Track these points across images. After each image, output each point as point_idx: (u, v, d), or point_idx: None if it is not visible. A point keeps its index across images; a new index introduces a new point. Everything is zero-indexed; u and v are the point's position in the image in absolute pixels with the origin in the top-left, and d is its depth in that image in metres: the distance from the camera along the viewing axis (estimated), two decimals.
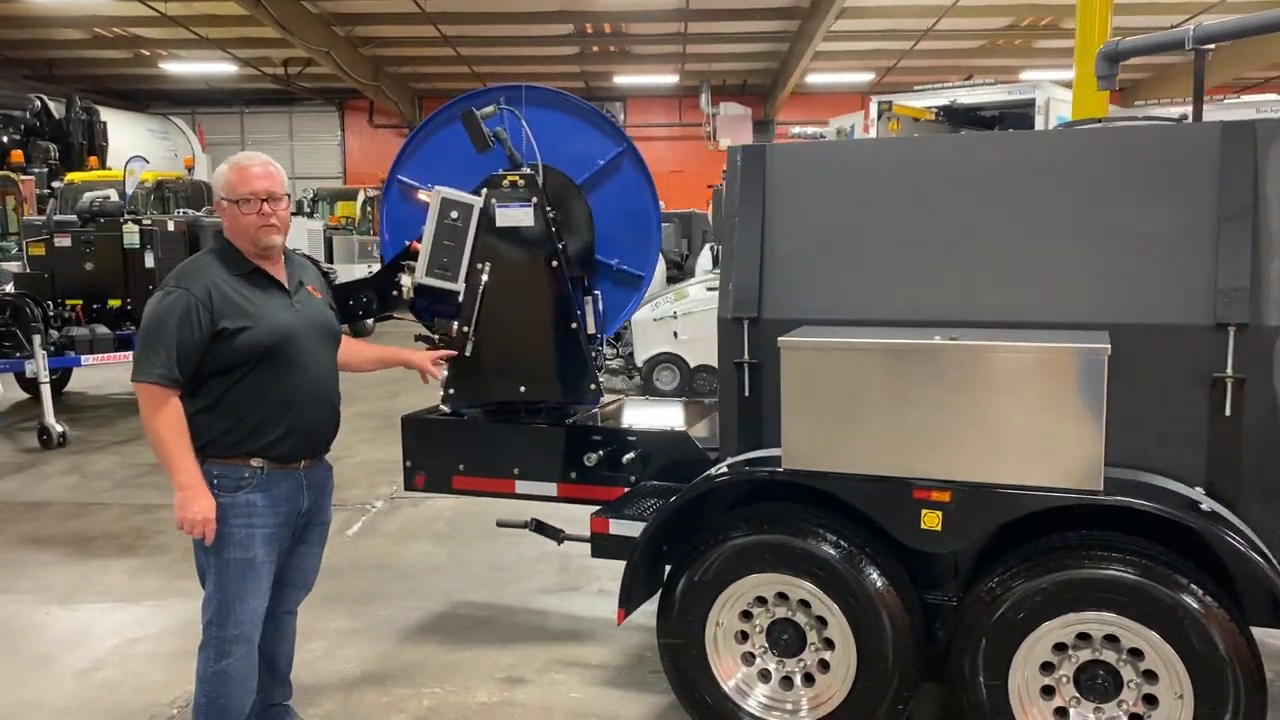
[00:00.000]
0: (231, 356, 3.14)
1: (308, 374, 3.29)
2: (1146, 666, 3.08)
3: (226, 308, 3.12)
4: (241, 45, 21.47)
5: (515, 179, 4.17)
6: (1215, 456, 3.23)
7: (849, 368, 3.26)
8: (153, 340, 3.08)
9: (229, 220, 3.23)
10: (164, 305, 3.09)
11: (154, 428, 3.08)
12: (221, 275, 3.17)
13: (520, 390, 4.32)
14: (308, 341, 3.30)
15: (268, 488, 3.23)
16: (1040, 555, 3.18)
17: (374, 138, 28.80)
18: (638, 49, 22.81)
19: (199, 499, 3.09)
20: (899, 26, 20.38)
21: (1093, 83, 6.39)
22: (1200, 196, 3.23)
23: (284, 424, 3.23)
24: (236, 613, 3.22)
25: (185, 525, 3.11)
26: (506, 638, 4.68)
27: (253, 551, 3.21)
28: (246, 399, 3.18)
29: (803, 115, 26.92)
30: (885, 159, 3.68)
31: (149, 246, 9.36)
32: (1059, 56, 23.28)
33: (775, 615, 3.52)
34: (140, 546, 6.04)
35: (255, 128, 29.03)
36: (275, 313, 3.22)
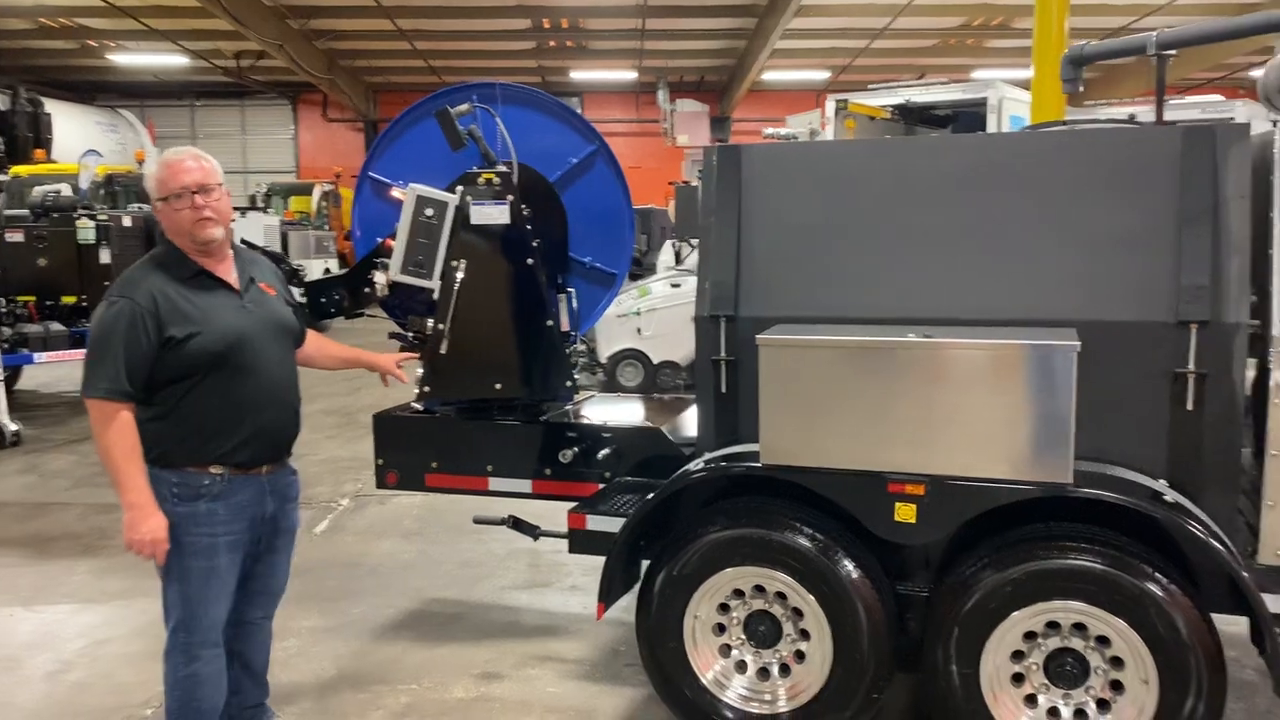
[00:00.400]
0: (182, 364, 3.05)
1: (264, 377, 3.21)
2: (1113, 653, 3.18)
3: (173, 315, 3.03)
4: (192, 37, 21.15)
5: (491, 177, 4.18)
6: (1177, 449, 3.34)
7: (825, 365, 3.32)
8: (100, 353, 3.00)
9: (165, 220, 3.13)
10: (109, 317, 3.01)
11: (104, 444, 3.00)
12: (166, 281, 3.07)
13: (495, 387, 4.34)
14: (262, 343, 3.21)
15: (229, 495, 3.16)
16: (1011, 546, 3.27)
17: (328, 132, 28.52)
18: (595, 44, 22.81)
19: (149, 518, 3.01)
20: (855, 25, 20.59)
21: (1049, 84, 6.55)
22: (1162, 198, 3.33)
23: (242, 430, 3.16)
24: (201, 619, 3.17)
25: (134, 546, 3.03)
26: (480, 634, 4.70)
27: (216, 560, 3.15)
28: (202, 406, 3.10)
29: (759, 112, 27.11)
30: (859, 160, 3.75)
31: (104, 242, 9.21)
32: (1010, 56, 23.67)
33: (752, 607, 3.58)
34: (103, 547, 5.97)
35: (206, 121, 28.61)
36: (225, 316, 3.13)
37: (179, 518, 3.08)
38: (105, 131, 22.11)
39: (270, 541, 3.39)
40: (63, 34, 21.59)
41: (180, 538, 3.09)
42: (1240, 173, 3.26)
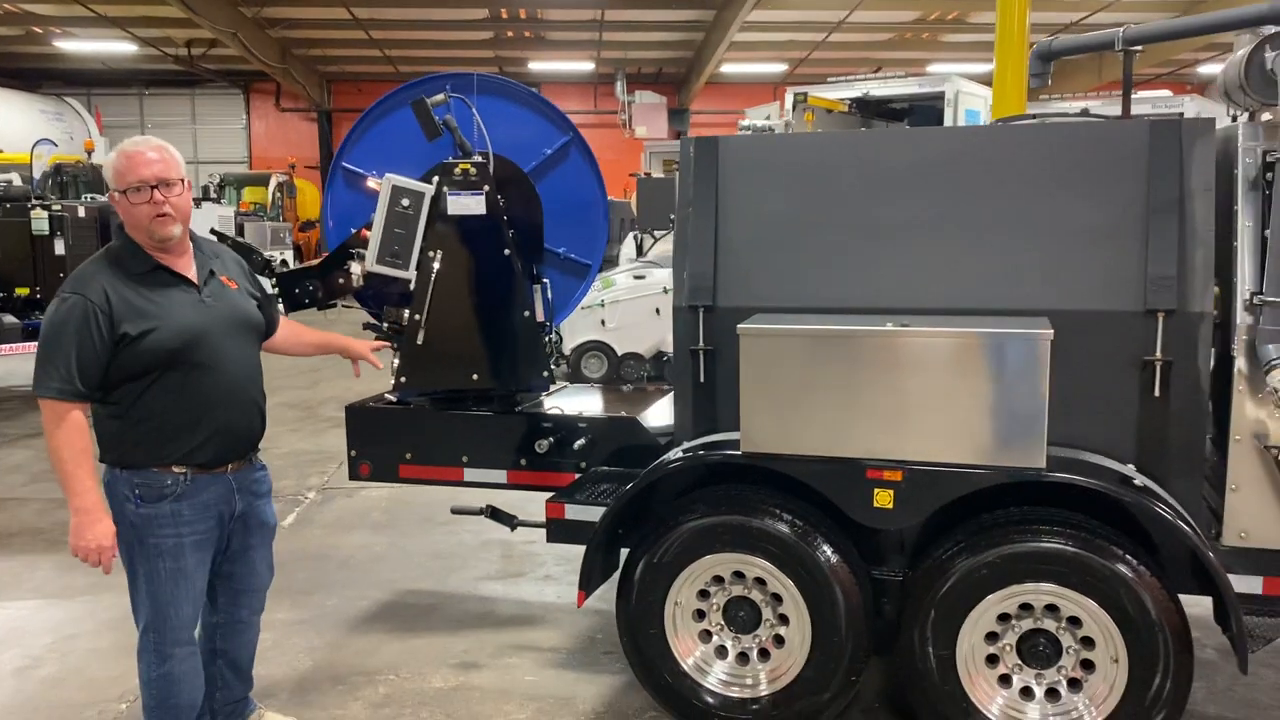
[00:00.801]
0: (138, 362, 2.97)
1: (224, 374, 3.12)
2: (1084, 633, 3.28)
3: (126, 311, 2.95)
4: (142, 24, 20.74)
5: (467, 167, 4.18)
6: (1145, 435, 3.44)
7: (805, 354, 3.37)
8: (50, 352, 2.92)
9: (123, 213, 3.04)
10: (60, 314, 2.94)
11: (53, 445, 2.93)
12: (120, 277, 3.00)
13: (473, 378, 4.34)
14: (222, 339, 3.12)
15: (193, 494, 3.09)
16: (985, 530, 3.35)
17: (281, 122, 28.13)
18: (553, 35, 22.72)
19: (95, 524, 2.94)
20: (812, 18, 20.69)
21: (1011, 78, 6.65)
22: (1130, 190, 3.42)
23: (202, 429, 3.08)
24: (172, 619, 3.12)
25: (79, 553, 2.96)
26: (456, 624, 4.70)
27: (182, 560, 3.09)
28: (160, 405, 3.02)
29: (716, 104, 27.22)
30: (835, 151, 3.80)
31: (59, 233, 9.04)
32: (965, 50, 23.96)
33: (731, 593, 3.63)
34: (66, 541, 5.83)
35: (155, 110, 28.08)
36: (181, 312, 3.04)
37: (142, 519, 3.03)
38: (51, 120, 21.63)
39: (244, 539, 3.33)
40: (8, 20, 21.08)
41: (145, 539, 3.04)
42: (1205, 166, 3.36)
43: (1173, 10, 20.31)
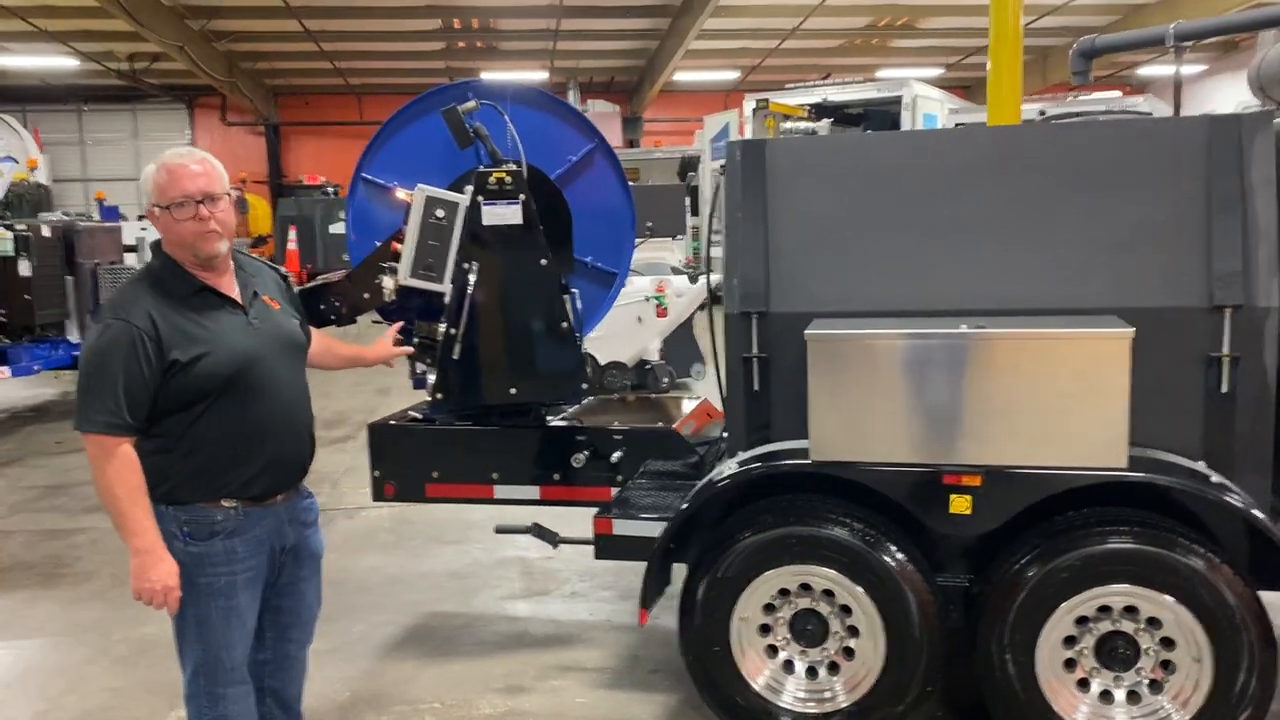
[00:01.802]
0: (188, 390, 2.79)
1: (276, 400, 2.95)
2: (1164, 634, 3.24)
3: (175, 337, 2.76)
4: (84, 38, 20.18)
5: (502, 176, 4.06)
6: (1212, 431, 3.43)
7: (877, 358, 3.31)
8: (95, 383, 2.72)
9: (164, 230, 2.85)
10: (103, 342, 2.74)
11: (104, 483, 2.73)
12: (164, 299, 2.80)
13: (511, 392, 4.21)
14: (272, 363, 2.95)
15: (245, 529, 2.91)
16: (1059, 534, 3.30)
17: (226, 136, 27.53)
18: (506, 45, 22.54)
19: (158, 564, 2.76)
20: (765, 26, 20.79)
21: (1006, 80, 6.68)
22: (1191, 186, 3.41)
23: (256, 460, 2.90)
24: (225, 662, 2.93)
25: (144, 595, 2.77)
26: (491, 647, 4.56)
27: (235, 599, 2.91)
28: (211, 436, 2.84)
29: (669, 112, 27.25)
30: (887, 152, 3.75)
31: (24, 253, 8.70)
32: (913, 55, 24.30)
33: (798, 606, 3.55)
34: (63, 575, 5.62)
35: (95, 126, 27.33)
36: (232, 337, 2.86)
37: (192, 558, 2.84)
38: None
39: (294, 571, 3.14)
40: None
41: (195, 579, 2.84)
42: (1265, 160, 3.36)
43: (1114, 14, 20.77)
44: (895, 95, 16.62)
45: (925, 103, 16.74)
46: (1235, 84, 19.55)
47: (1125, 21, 20.50)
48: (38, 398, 11.63)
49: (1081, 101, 14.53)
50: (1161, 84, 25.21)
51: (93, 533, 6.39)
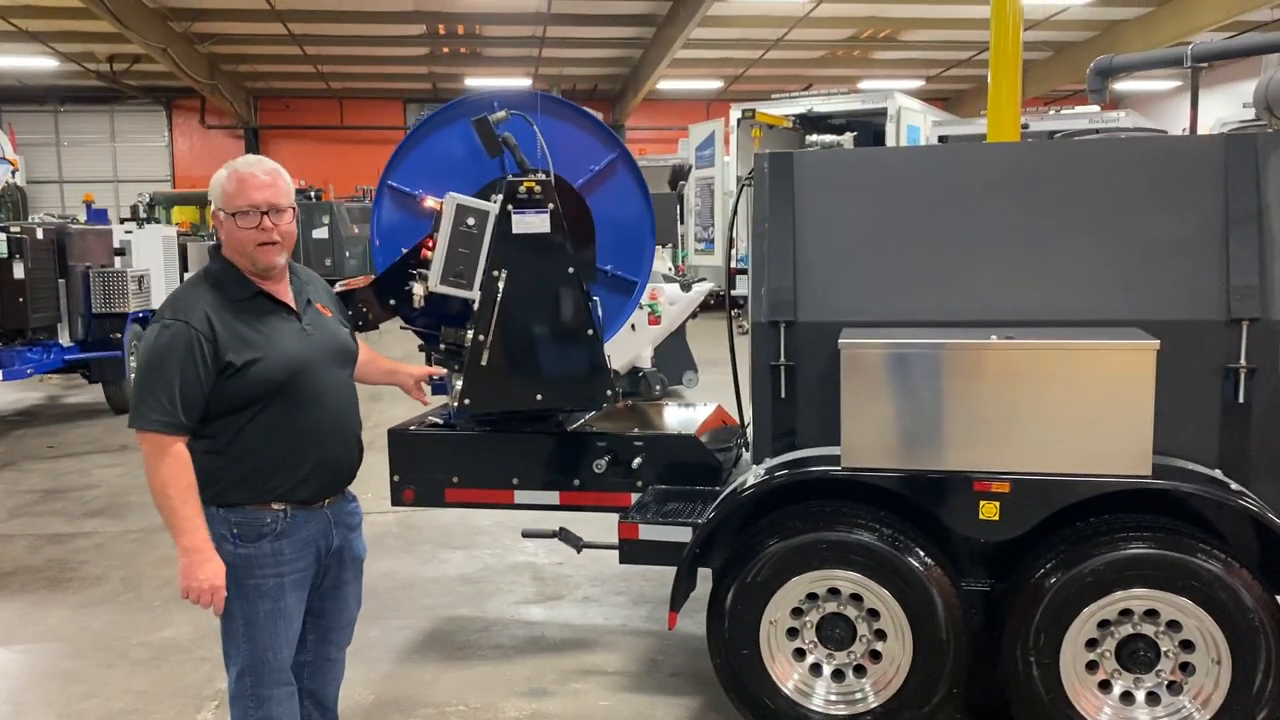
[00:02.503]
0: (241, 394, 2.82)
1: (327, 406, 2.98)
2: (1184, 637, 3.34)
3: (231, 339, 2.80)
4: (64, 39, 20.05)
5: (531, 185, 4.10)
6: (1228, 440, 3.53)
7: (909, 368, 3.39)
8: (152, 382, 2.75)
9: (226, 235, 2.88)
10: (161, 341, 2.77)
11: (158, 481, 2.77)
12: (222, 301, 2.84)
13: (537, 398, 4.25)
14: (324, 370, 2.98)
15: (293, 531, 2.94)
16: (1083, 540, 3.39)
17: (205, 139, 27.41)
18: (491, 52, 22.59)
19: (206, 563, 2.79)
20: (750, 36, 20.97)
21: (1006, 94, 6.80)
22: (1209, 202, 3.52)
23: (305, 464, 2.93)
24: (271, 664, 2.96)
25: (191, 594, 2.81)
26: (509, 651, 4.60)
27: (282, 600, 2.94)
28: (262, 439, 2.87)
29: (652, 121, 27.39)
30: (914, 166, 3.84)
31: (18, 256, 8.64)
32: (895, 66, 24.57)
33: (825, 610, 3.61)
34: (70, 579, 5.60)
35: (72, 128, 27.12)
36: (286, 342, 2.90)
37: (241, 560, 2.87)
38: None
39: (338, 575, 3.16)
40: None
41: (243, 581, 2.88)
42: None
43: (1093, 30, 21.09)
44: (880, 107, 16.82)
45: (909, 114, 16.96)
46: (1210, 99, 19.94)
47: (1104, 37, 20.82)
48: (28, 400, 11.54)
49: (1063, 116, 14.77)
50: (1138, 99, 25.61)
51: (96, 537, 6.37)
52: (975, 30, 19.55)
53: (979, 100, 25.78)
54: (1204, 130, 12.50)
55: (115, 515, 6.87)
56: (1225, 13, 16.98)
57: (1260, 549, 3.49)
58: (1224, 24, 17.59)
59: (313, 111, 27.06)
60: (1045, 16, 19.00)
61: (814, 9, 18.44)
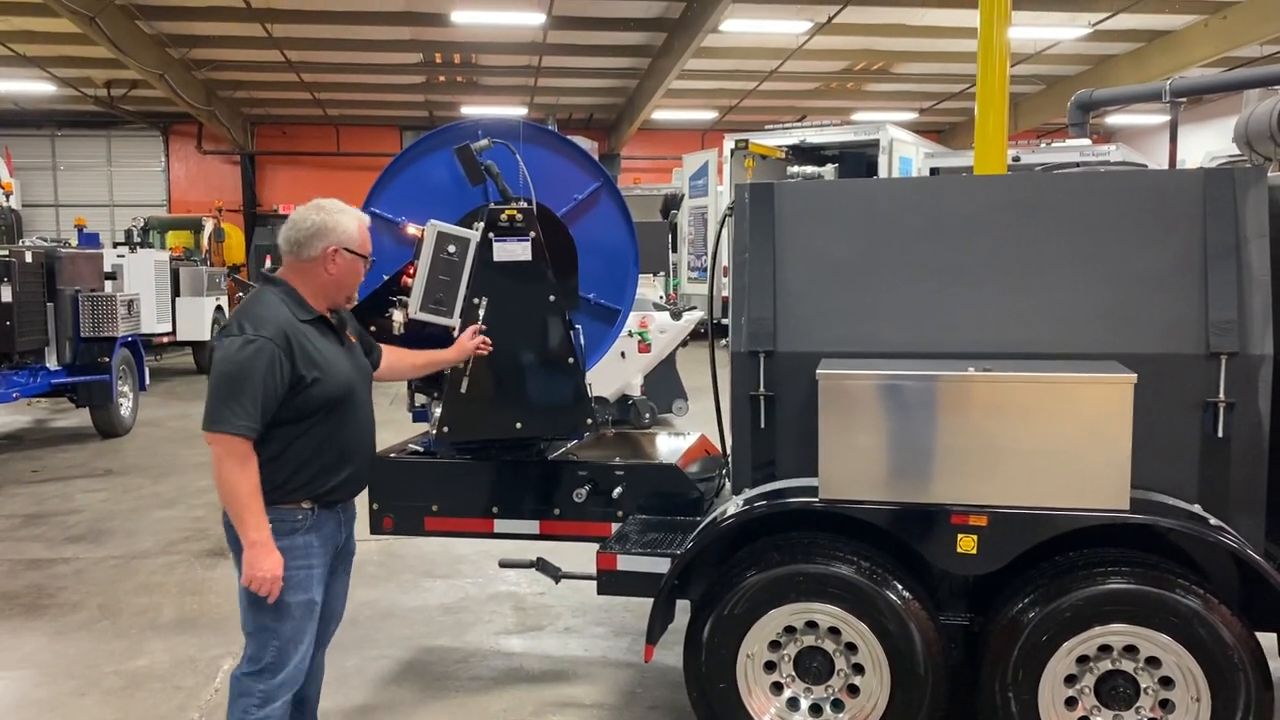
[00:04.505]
0: (303, 407, 3.08)
1: (361, 424, 3.30)
2: (1163, 674, 3.31)
3: (302, 357, 3.07)
4: (62, 64, 20.14)
5: (513, 213, 4.11)
6: (1207, 474, 3.52)
7: (887, 399, 3.37)
8: (237, 390, 2.97)
9: (339, 269, 3.18)
10: (247, 354, 2.99)
11: (232, 481, 2.98)
12: (292, 321, 3.10)
13: (517, 427, 4.23)
14: (361, 390, 3.32)
15: (318, 528, 3.19)
16: (1061, 575, 3.36)
17: (202, 164, 27.49)
18: (487, 81, 22.73)
19: (269, 555, 3.02)
20: (744, 67, 21.12)
21: (993, 127, 6.84)
22: (1188, 237, 3.53)
23: (341, 472, 3.21)
24: (291, 657, 3.15)
25: (255, 584, 3.02)
26: (487, 682, 4.55)
27: (311, 592, 3.17)
28: (309, 449, 3.13)
29: (647, 150, 27.53)
30: (896, 198, 3.84)
31: (5, 279, 8.63)
32: (887, 98, 24.74)
33: (803, 644, 3.58)
34: (47, 606, 5.54)
35: (69, 152, 27.19)
36: (339, 363, 3.21)
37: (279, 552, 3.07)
38: None
39: (335, 566, 3.38)
40: None
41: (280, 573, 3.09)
42: (1259, 213, 3.48)
43: (1085, 64, 21.27)
44: (872, 138, 16.93)
45: (901, 146, 17.06)
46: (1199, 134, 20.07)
47: (1095, 71, 21.00)
48: (14, 425, 11.49)
49: (1055, 149, 14.85)
50: (1130, 133, 25.80)
51: (76, 563, 6.32)
52: (967, 64, 19.63)
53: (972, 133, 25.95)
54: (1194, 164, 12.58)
55: (96, 541, 6.82)
56: (1215, 48, 17.15)
57: (1240, 585, 3.47)
58: (1214, 59, 17.77)
59: (309, 138, 27.17)
60: (1037, 50, 19.17)
61: (808, 41, 18.59)
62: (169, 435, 10.77)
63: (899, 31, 18.51)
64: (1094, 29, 17.70)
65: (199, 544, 6.73)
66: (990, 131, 6.78)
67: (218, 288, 15.96)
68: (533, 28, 17.67)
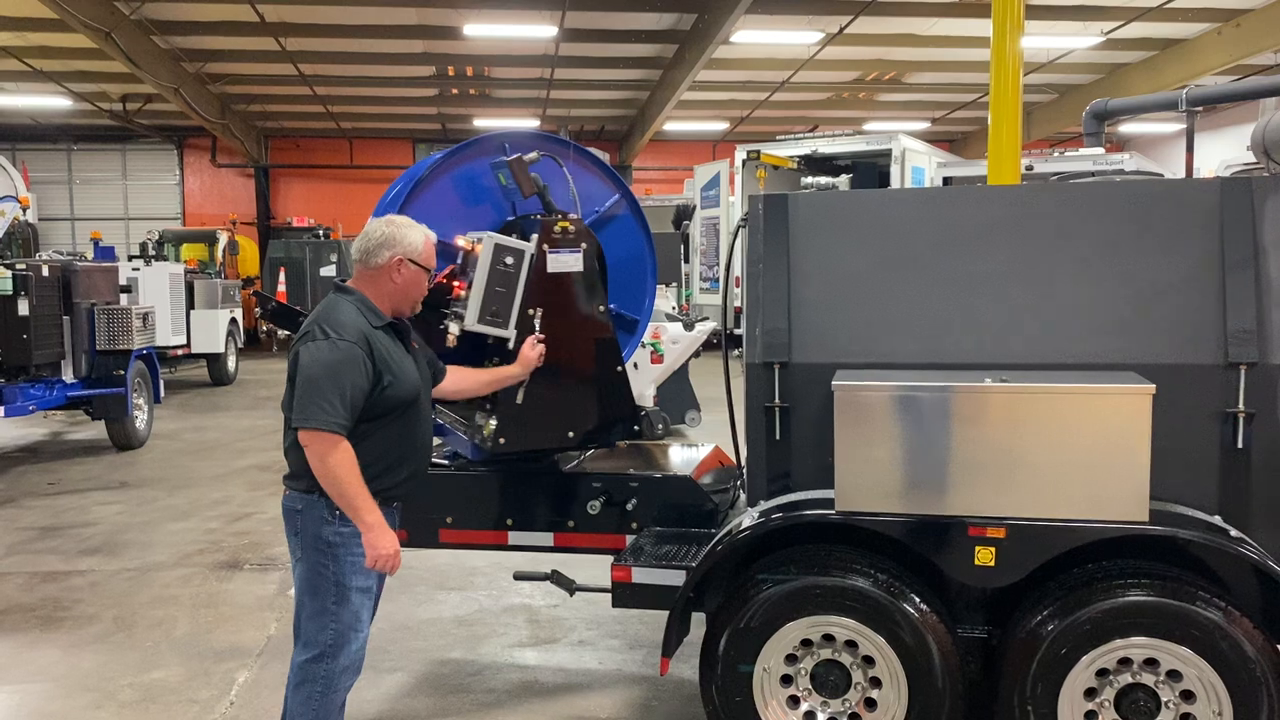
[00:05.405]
0: (379, 407, 3.26)
1: (426, 426, 3.51)
2: (1184, 687, 3.27)
3: (382, 361, 3.26)
4: (78, 79, 20.28)
5: (566, 224, 4.11)
6: (1227, 485, 3.49)
7: (903, 410, 3.36)
8: (328, 388, 3.14)
9: (405, 280, 3.37)
10: (336, 356, 3.17)
11: (334, 473, 3.14)
12: (368, 327, 3.27)
13: (569, 435, 4.23)
14: (426, 395, 3.51)
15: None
16: (1078, 587, 3.34)
17: (216, 178, 27.58)
18: (500, 93, 22.79)
19: (386, 533, 3.21)
20: (756, 78, 21.11)
21: (1006, 136, 6.82)
22: (1205, 246, 3.51)
23: (404, 471, 3.40)
24: (351, 643, 3.30)
25: (379, 563, 3.21)
26: (502, 695, 4.54)
27: (370, 579, 3.34)
28: (380, 447, 3.30)
29: (658, 161, 27.54)
30: (911, 209, 3.83)
31: (23, 293, 8.68)
32: (899, 108, 24.70)
33: (820, 657, 3.56)
34: (63, 618, 5.55)
35: (84, 166, 27.31)
36: (410, 368, 3.39)
37: (341, 538, 3.24)
38: None
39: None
40: None
41: (342, 557, 3.24)
42: (1277, 221, 3.46)
43: (1098, 72, 21.21)
44: (884, 148, 16.89)
45: (914, 156, 17.02)
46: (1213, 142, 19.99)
47: (1108, 80, 20.94)
48: (30, 437, 11.55)
49: (1068, 158, 14.80)
50: (1142, 141, 25.72)
51: (91, 575, 6.33)
52: (980, 73, 19.64)
53: (984, 142, 25.88)
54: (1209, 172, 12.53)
55: (111, 553, 6.84)
56: (1228, 56, 17.07)
57: (1262, 597, 3.43)
58: (1227, 67, 17.69)
59: (322, 151, 27.25)
60: (1049, 60, 19.10)
61: (819, 52, 18.57)
62: (184, 448, 10.80)
63: (911, 41, 18.48)
64: (1106, 38, 17.63)
65: (213, 556, 6.74)
66: (1004, 141, 6.77)
67: (232, 300, 16.03)
68: (545, 40, 17.71)
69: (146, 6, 15.61)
